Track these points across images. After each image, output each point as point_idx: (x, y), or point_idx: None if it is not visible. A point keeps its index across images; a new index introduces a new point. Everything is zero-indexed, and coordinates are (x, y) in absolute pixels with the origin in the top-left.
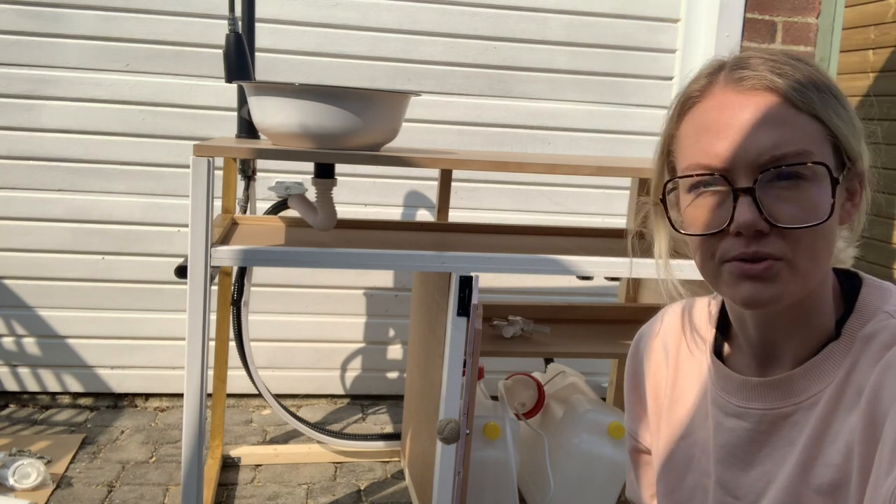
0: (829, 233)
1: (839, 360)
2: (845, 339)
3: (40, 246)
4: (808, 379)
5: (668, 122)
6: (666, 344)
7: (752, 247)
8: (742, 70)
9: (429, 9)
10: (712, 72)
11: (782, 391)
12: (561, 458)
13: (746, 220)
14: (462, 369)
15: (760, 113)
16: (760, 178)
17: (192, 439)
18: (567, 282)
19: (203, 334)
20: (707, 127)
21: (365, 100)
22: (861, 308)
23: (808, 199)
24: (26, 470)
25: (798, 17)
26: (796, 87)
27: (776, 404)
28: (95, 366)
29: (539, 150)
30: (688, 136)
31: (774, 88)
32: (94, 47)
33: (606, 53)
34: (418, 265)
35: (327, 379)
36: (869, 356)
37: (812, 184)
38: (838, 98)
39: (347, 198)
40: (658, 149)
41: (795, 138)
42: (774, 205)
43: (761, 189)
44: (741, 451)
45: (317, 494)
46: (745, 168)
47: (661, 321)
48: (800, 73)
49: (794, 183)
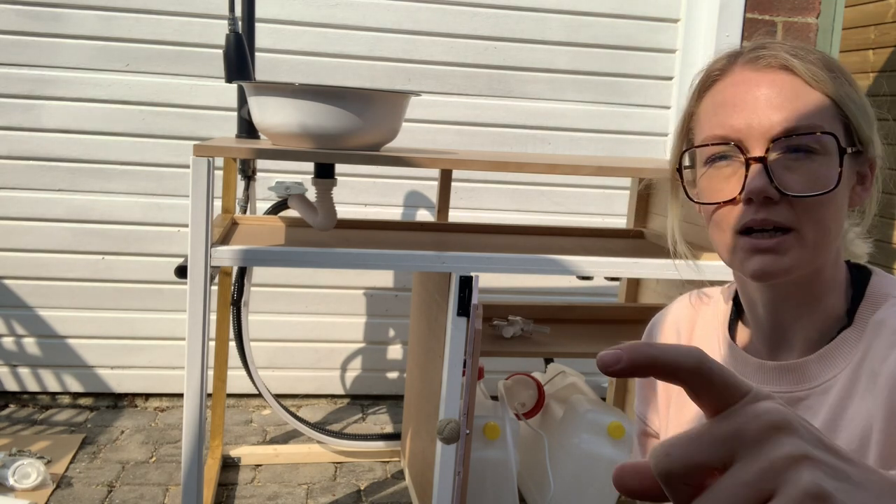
0: (838, 206)
1: (852, 347)
2: (857, 326)
3: (40, 246)
4: (823, 365)
5: (689, 100)
6: (679, 328)
7: (760, 213)
8: (760, 50)
9: (429, 9)
10: (732, 53)
11: (797, 375)
12: (561, 458)
13: (757, 187)
14: (462, 369)
15: (775, 88)
16: (772, 147)
17: (192, 439)
18: (567, 282)
19: (203, 334)
20: (724, 102)
21: (365, 100)
22: (871, 295)
23: (817, 171)
24: (26, 470)
25: (798, 17)
26: (809, 67)
27: (791, 388)
28: (95, 366)
29: (539, 150)
30: (706, 112)
31: (789, 67)
32: (94, 47)
33: (606, 53)
34: (418, 265)
35: (327, 379)
36: (881, 341)
37: (822, 156)
38: (851, 84)
39: (347, 198)
40: (678, 126)
41: (807, 113)
42: (785, 174)
43: (773, 159)
44: None
45: (317, 494)
46: (757, 139)
47: (671, 309)
48: (815, 56)
49: (804, 155)
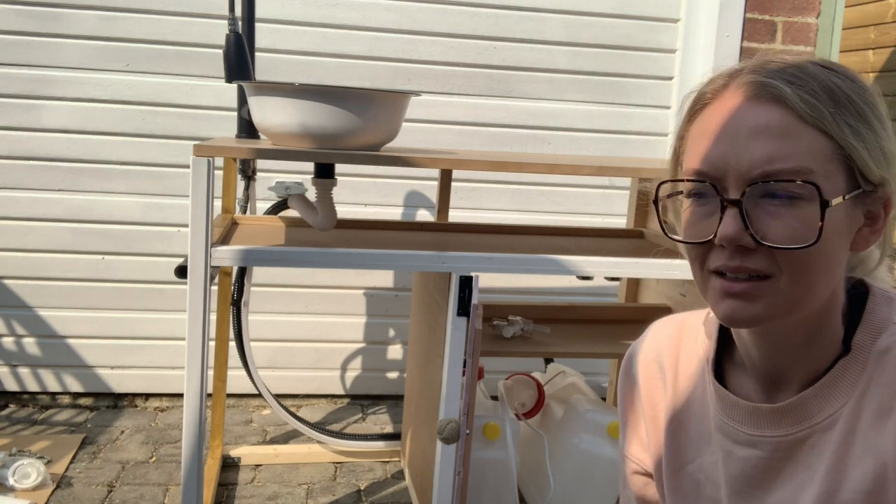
0: (827, 257)
1: (854, 378)
2: (857, 355)
3: (40, 246)
4: (822, 399)
5: (681, 122)
6: (662, 363)
7: (735, 260)
8: (755, 75)
9: (428, 9)
10: (730, 74)
11: (796, 415)
12: (561, 458)
13: (728, 234)
14: (462, 369)
15: (762, 123)
16: (748, 192)
17: (192, 439)
18: (567, 282)
19: (203, 334)
20: (707, 132)
21: (365, 100)
22: (869, 320)
23: (800, 220)
24: (26, 470)
25: (798, 17)
26: (806, 99)
27: (791, 430)
28: (95, 366)
29: (539, 150)
30: (693, 139)
31: (782, 98)
32: (94, 47)
33: (606, 53)
34: (418, 265)
35: (327, 379)
36: (886, 372)
37: (809, 203)
38: (862, 115)
39: (347, 198)
40: (671, 149)
41: (794, 153)
42: (764, 221)
43: (752, 203)
44: (756, 480)
45: (317, 494)
46: (735, 179)
47: (649, 339)
48: (819, 83)
49: (789, 201)
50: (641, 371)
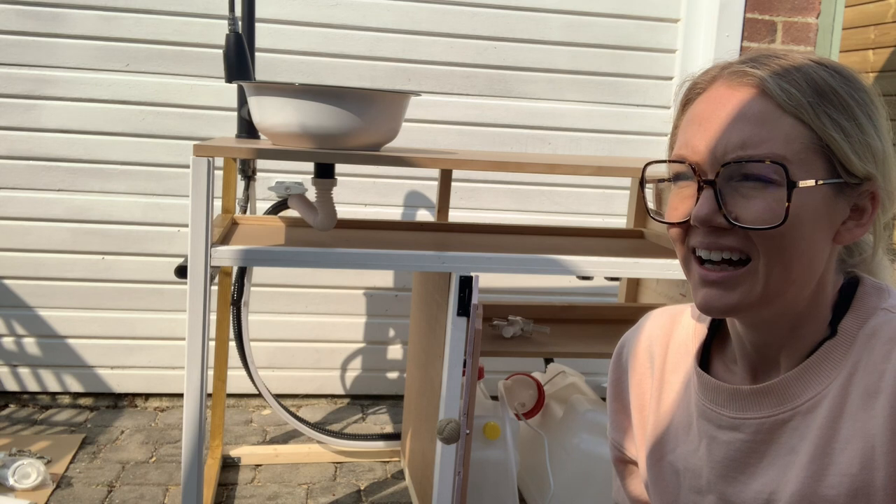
0: (803, 242)
1: (838, 361)
2: (843, 338)
3: (40, 246)
4: (804, 381)
5: (675, 112)
6: (652, 353)
7: (710, 237)
8: (744, 65)
9: (428, 8)
10: (722, 66)
11: (777, 397)
12: (561, 458)
13: (702, 214)
14: (462, 369)
15: (740, 109)
16: (722, 173)
17: (192, 439)
18: (567, 282)
19: (203, 334)
20: (694, 119)
21: (365, 100)
22: (857, 307)
23: (771, 201)
24: (26, 470)
25: (798, 17)
26: (786, 88)
27: (772, 411)
28: (95, 366)
29: (539, 150)
30: (683, 127)
31: (764, 87)
32: (94, 47)
33: (606, 53)
34: (418, 265)
35: (327, 379)
36: (874, 354)
37: (780, 187)
38: (847, 109)
39: (347, 198)
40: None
41: (769, 139)
42: (737, 202)
43: (728, 186)
44: (741, 464)
45: (317, 494)
46: (711, 162)
47: (643, 328)
48: (804, 75)
49: (762, 185)
50: (632, 360)
